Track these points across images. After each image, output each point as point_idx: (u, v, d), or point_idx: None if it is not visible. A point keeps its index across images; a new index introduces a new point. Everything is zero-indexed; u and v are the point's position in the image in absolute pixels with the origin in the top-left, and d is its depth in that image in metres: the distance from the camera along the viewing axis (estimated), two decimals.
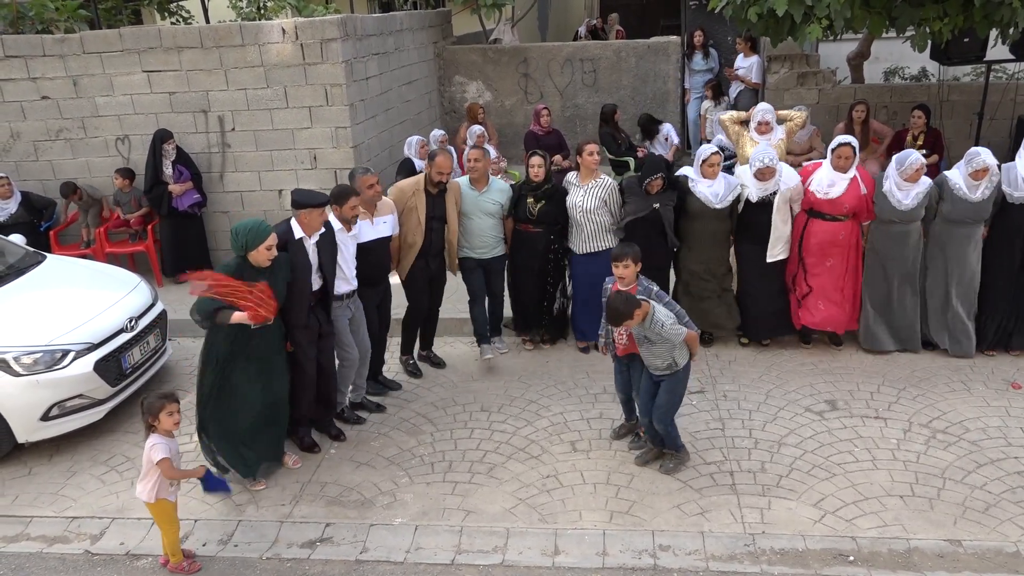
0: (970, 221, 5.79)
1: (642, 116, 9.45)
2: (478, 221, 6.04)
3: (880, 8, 6.50)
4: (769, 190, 5.90)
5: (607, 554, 4.28)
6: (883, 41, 9.36)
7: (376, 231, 5.54)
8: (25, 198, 8.11)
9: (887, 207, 5.82)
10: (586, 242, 6.10)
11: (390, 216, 5.66)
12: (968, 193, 5.70)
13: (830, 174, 5.87)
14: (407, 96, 9.68)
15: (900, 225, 5.86)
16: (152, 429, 4.13)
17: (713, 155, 5.96)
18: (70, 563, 4.45)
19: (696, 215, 6.04)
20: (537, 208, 6.02)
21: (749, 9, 6.62)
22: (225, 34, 7.87)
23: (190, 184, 7.99)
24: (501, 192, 6.08)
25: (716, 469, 4.91)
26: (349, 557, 4.37)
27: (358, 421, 5.61)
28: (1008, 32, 6.37)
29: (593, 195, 6.02)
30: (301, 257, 4.88)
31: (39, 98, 8.19)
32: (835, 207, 5.85)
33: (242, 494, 4.91)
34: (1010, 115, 9.07)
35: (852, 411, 5.45)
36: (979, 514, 4.41)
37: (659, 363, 4.59)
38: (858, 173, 5.88)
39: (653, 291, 4.67)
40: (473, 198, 6.01)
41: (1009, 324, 6.03)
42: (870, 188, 5.88)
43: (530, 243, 6.15)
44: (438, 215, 5.87)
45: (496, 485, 4.87)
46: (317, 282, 5.04)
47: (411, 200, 5.78)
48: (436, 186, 5.76)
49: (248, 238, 4.51)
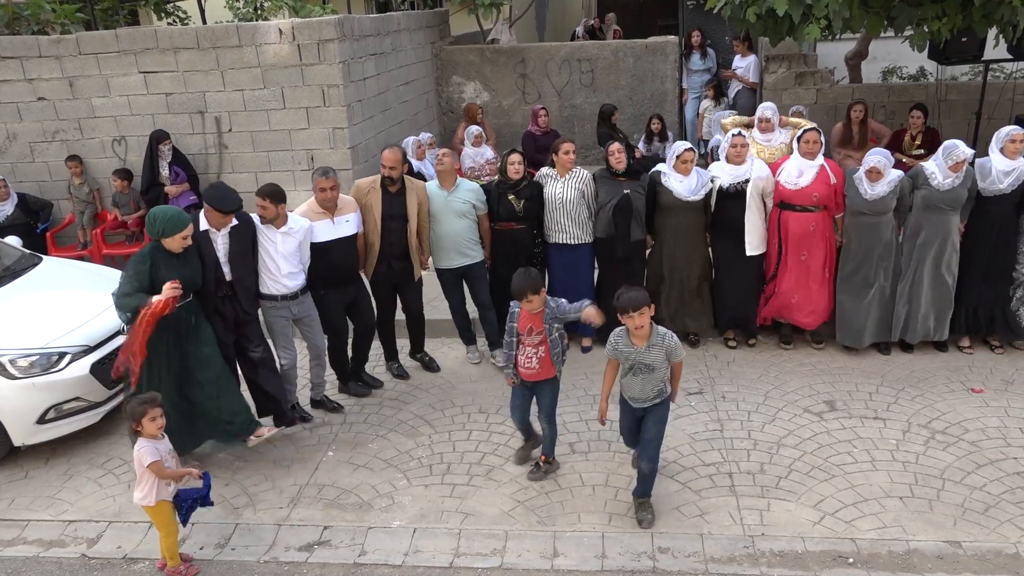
0: (946, 207, 5.79)
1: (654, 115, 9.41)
2: (450, 223, 5.90)
3: (878, 8, 6.49)
4: (740, 176, 5.94)
5: (606, 556, 4.26)
6: (881, 41, 9.35)
7: (337, 230, 5.48)
8: (22, 199, 8.09)
9: (856, 197, 5.84)
10: (563, 233, 6.08)
11: (353, 215, 5.60)
12: (942, 182, 5.74)
13: (799, 163, 5.92)
14: (404, 97, 9.66)
15: (871, 217, 5.86)
16: (137, 434, 4.11)
17: (687, 151, 5.98)
18: (67, 567, 4.42)
19: (668, 208, 6.06)
20: (522, 204, 5.96)
21: (748, 9, 6.62)
22: (222, 35, 7.85)
23: (186, 185, 7.97)
24: (471, 191, 5.97)
25: (715, 471, 4.89)
26: (347, 560, 4.35)
27: (304, 419, 5.59)
28: (1008, 31, 6.36)
29: (571, 186, 6.01)
30: (208, 248, 4.99)
31: (35, 99, 8.18)
32: (805, 197, 5.88)
33: (239, 497, 4.89)
34: (1008, 115, 9.05)
35: (851, 412, 5.44)
36: (978, 515, 4.40)
37: (650, 391, 4.30)
38: (827, 163, 5.92)
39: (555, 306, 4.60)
40: (442, 199, 5.89)
41: (982, 311, 6.05)
42: (840, 178, 5.91)
43: (516, 241, 6.06)
44: (396, 214, 5.72)
45: (494, 487, 4.86)
46: (227, 273, 5.06)
47: (367, 198, 5.69)
48: (391, 183, 5.65)
49: (165, 226, 4.65)
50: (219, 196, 4.98)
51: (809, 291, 6.09)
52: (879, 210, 5.84)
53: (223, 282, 5.06)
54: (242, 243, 5.10)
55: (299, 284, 5.36)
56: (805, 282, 6.08)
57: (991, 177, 5.76)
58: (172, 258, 4.74)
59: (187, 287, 4.79)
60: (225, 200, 4.96)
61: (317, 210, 5.46)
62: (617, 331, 4.33)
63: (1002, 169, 5.74)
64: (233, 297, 5.13)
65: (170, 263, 4.73)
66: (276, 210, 5.12)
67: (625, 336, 4.28)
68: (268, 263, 5.22)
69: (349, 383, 6.02)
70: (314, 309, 5.54)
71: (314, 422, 5.64)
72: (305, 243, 5.35)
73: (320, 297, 5.59)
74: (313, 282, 5.50)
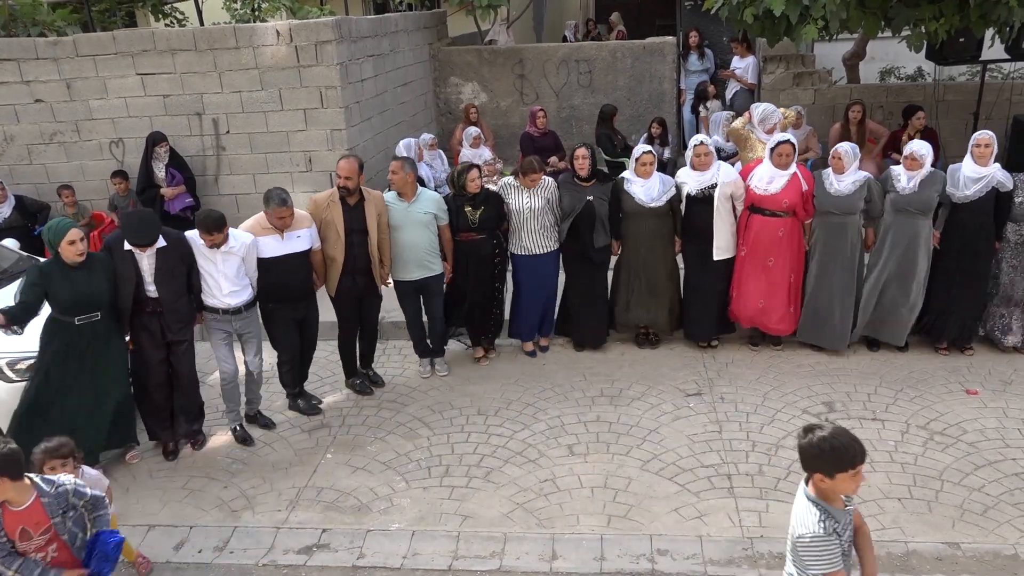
0: (914, 211, 5.79)
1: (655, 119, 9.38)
2: (410, 234, 5.77)
3: (876, 8, 6.50)
4: (706, 183, 5.95)
5: (605, 559, 4.26)
6: (879, 41, 9.35)
7: (286, 246, 5.32)
8: (19, 202, 8.06)
9: (824, 196, 5.87)
10: (530, 244, 6.10)
11: (305, 230, 5.42)
12: (905, 185, 5.76)
13: (770, 170, 5.92)
14: (403, 98, 9.65)
15: (838, 217, 5.86)
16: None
17: (645, 154, 6.01)
18: None
19: (632, 214, 6.09)
20: (477, 215, 5.92)
21: (745, 10, 6.62)
22: (219, 36, 7.84)
23: (182, 188, 7.95)
24: (432, 201, 5.83)
25: (714, 472, 4.89)
26: (346, 563, 4.34)
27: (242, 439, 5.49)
28: (1005, 32, 6.37)
29: (538, 195, 6.03)
30: (125, 267, 4.91)
31: (32, 101, 8.16)
32: (775, 203, 5.89)
33: (238, 500, 4.89)
34: (1005, 115, 9.07)
35: (850, 413, 5.44)
36: (977, 516, 4.40)
37: None
38: (799, 170, 5.93)
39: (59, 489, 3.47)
40: (402, 210, 5.74)
41: (952, 318, 6.04)
42: (811, 184, 5.92)
43: (475, 250, 6.02)
44: (358, 227, 5.57)
45: (493, 489, 4.85)
46: (153, 292, 4.99)
47: (326, 213, 5.52)
48: (348, 193, 5.50)
49: (51, 235, 4.69)
50: (133, 230, 4.89)
51: (777, 297, 6.09)
52: (845, 209, 5.84)
53: (148, 300, 5.00)
54: (170, 263, 5.00)
55: (242, 301, 5.24)
56: (772, 288, 6.07)
57: (961, 183, 5.76)
58: (72, 273, 4.73)
59: (87, 304, 4.78)
60: (139, 235, 4.87)
61: (265, 225, 5.31)
62: (815, 507, 2.85)
63: (970, 175, 5.74)
64: (162, 315, 5.05)
65: (69, 279, 4.72)
66: (223, 235, 5.01)
67: (827, 506, 2.85)
68: (208, 280, 5.14)
69: (299, 400, 5.84)
70: (257, 326, 5.42)
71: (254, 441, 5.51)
72: (249, 258, 5.22)
73: (268, 311, 5.49)
74: (260, 297, 5.40)
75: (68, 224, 4.73)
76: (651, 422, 5.44)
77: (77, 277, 4.75)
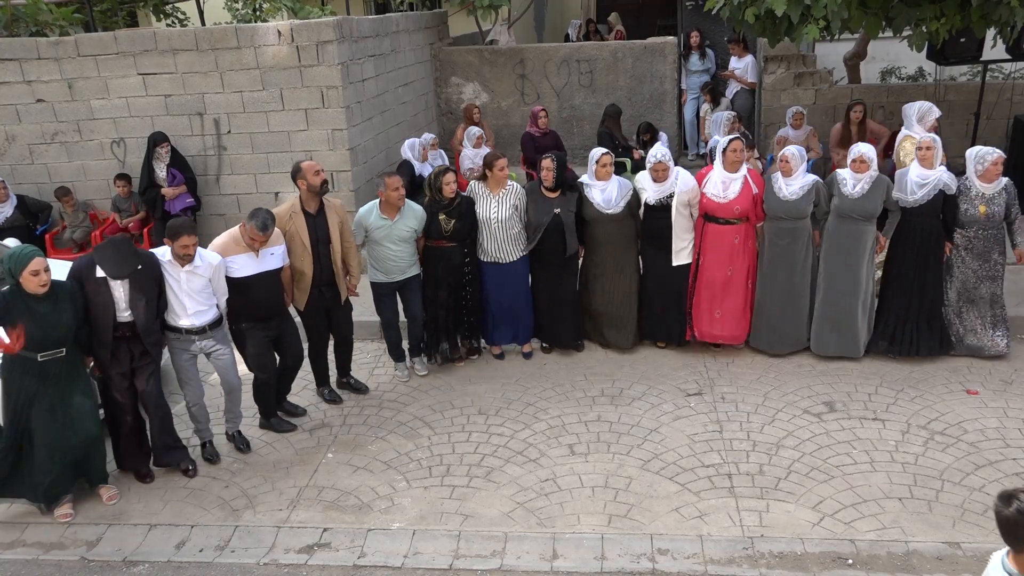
0: (857, 217, 5.78)
1: (642, 124, 9.42)
2: (392, 249, 5.78)
3: (877, 8, 6.50)
4: (665, 192, 5.96)
5: (605, 558, 4.26)
6: (880, 41, 9.35)
7: (261, 264, 5.17)
8: (20, 201, 8.09)
9: (774, 200, 5.85)
10: (498, 252, 6.10)
11: (278, 247, 5.28)
12: (851, 190, 5.75)
13: (722, 175, 5.91)
14: (404, 98, 9.66)
15: (788, 222, 5.86)
16: None
17: (604, 156, 6.02)
18: (66, 569, 4.42)
19: (593, 219, 6.11)
20: (451, 225, 5.90)
21: (746, 10, 6.62)
22: (220, 36, 7.85)
23: (183, 188, 7.96)
24: (416, 219, 5.80)
25: (714, 472, 4.90)
26: (347, 562, 4.35)
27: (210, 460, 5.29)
28: (1006, 32, 6.37)
29: (505, 204, 6.03)
30: (99, 296, 4.65)
31: (34, 101, 8.17)
32: (727, 211, 5.89)
33: (239, 499, 4.89)
34: (1006, 115, 9.08)
35: (850, 413, 5.45)
36: (978, 516, 4.40)
37: None
38: (749, 174, 5.93)
39: None
40: (386, 227, 5.71)
41: (906, 324, 5.99)
42: (760, 187, 5.92)
43: (446, 258, 6.00)
44: (323, 237, 5.48)
45: (494, 489, 4.86)
46: (127, 316, 4.74)
47: (289, 225, 5.38)
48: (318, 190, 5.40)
49: (11, 264, 4.31)
50: (111, 262, 4.61)
51: (731, 305, 6.10)
52: (795, 214, 5.83)
53: (119, 325, 4.73)
54: (144, 286, 4.75)
55: (206, 320, 5.00)
56: (730, 297, 6.07)
57: (908, 187, 5.75)
58: (37, 302, 4.39)
59: (52, 340, 4.46)
60: (119, 266, 4.61)
61: (239, 242, 5.12)
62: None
63: (916, 180, 5.74)
64: (131, 339, 4.80)
65: (31, 310, 4.36)
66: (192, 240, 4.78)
67: None
68: (172, 300, 4.91)
69: (272, 419, 5.65)
70: (227, 343, 5.20)
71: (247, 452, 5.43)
72: (217, 279, 5.01)
73: (242, 331, 5.31)
74: (233, 316, 5.26)
75: (31, 253, 4.34)
76: (652, 422, 5.45)
77: (41, 309, 4.39)
